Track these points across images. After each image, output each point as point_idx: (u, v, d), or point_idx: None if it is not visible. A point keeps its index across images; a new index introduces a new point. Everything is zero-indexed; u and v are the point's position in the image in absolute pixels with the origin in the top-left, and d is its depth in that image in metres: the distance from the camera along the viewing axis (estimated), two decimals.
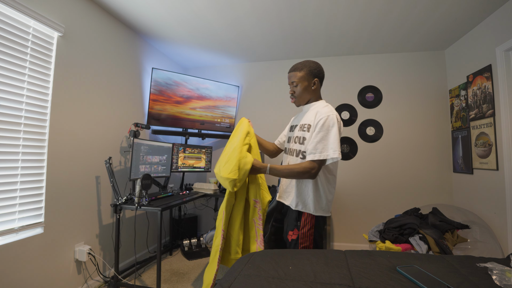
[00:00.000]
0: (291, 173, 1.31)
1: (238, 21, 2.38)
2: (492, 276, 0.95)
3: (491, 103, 2.17)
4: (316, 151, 1.26)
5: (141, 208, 1.92)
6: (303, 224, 1.36)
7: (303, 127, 1.39)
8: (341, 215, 3.04)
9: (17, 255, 1.54)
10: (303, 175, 1.29)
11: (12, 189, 1.56)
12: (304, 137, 1.37)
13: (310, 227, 1.35)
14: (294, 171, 1.29)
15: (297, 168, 1.29)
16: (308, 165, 1.27)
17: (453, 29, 2.45)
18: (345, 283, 0.92)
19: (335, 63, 3.17)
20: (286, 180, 1.47)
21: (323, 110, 1.34)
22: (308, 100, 1.47)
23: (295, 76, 1.41)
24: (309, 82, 1.41)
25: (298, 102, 1.47)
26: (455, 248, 1.95)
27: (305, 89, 1.41)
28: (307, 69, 1.40)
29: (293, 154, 1.43)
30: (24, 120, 1.62)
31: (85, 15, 2.03)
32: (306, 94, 1.43)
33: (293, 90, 1.44)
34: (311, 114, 1.39)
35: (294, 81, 1.42)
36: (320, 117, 1.30)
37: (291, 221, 1.40)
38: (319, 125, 1.29)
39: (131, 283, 2.08)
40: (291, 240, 1.38)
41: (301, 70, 1.41)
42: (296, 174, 1.30)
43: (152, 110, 2.74)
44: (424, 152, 2.89)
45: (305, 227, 1.36)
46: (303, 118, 1.43)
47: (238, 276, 0.98)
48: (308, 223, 1.36)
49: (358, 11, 2.19)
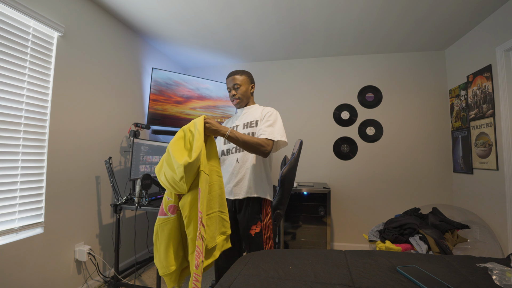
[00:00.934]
0: (249, 141, 1.32)
1: (238, 21, 2.38)
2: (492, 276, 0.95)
3: (491, 103, 2.17)
4: (270, 134, 1.38)
5: (141, 208, 1.92)
6: (264, 215, 1.44)
7: (249, 124, 1.49)
8: (341, 215, 3.04)
9: (17, 255, 1.54)
10: (260, 147, 1.33)
11: (12, 189, 1.56)
12: (251, 132, 1.46)
13: (269, 217, 1.47)
14: (253, 141, 1.33)
15: (255, 139, 1.34)
16: (265, 141, 1.36)
17: (453, 29, 2.45)
18: (345, 283, 0.93)
19: (335, 63, 3.17)
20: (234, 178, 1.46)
21: (267, 108, 1.52)
22: (246, 103, 1.60)
23: (237, 79, 1.53)
24: (249, 85, 1.57)
25: (241, 102, 1.56)
26: (455, 248, 1.95)
27: (246, 91, 1.56)
28: (246, 75, 1.57)
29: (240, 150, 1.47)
30: (24, 120, 1.62)
31: (85, 15, 2.03)
32: (246, 96, 1.57)
33: (235, 92, 1.54)
34: (255, 113, 1.52)
35: (237, 83, 1.53)
36: (267, 111, 1.48)
37: (253, 215, 1.43)
38: (268, 115, 1.45)
39: (131, 283, 2.08)
40: (255, 234, 1.41)
41: (242, 75, 1.55)
42: (255, 143, 1.33)
43: (152, 110, 2.74)
44: (424, 152, 2.89)
45: (266, 217, 1.45)
46: (245, 118, 1.54)
47: (238, 276, 0.98)
48: (268, 212, 1.47)
49: (358, 11, 2.19)
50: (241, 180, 1.46)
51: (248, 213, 1.43)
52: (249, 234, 1.42)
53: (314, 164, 3.14)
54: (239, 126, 1.53)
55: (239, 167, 1.47)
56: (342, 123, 3.11)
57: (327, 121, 3.15)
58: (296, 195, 2.67)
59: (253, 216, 1.43)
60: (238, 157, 1.48)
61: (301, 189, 2.65)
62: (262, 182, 1.46)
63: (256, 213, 1.43)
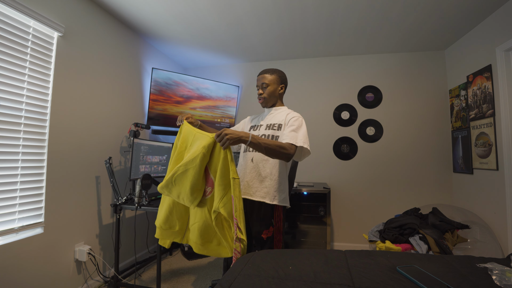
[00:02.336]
0: (271, 145, 1.24)
1: (238, 21, 2.38)
2: (492, 276, 0.95)
3: (491, 103, 2.17)
4: (292, 139, 1.31)
5: (141, 208, 1.92)
6: (276, 220, 1.41)
7: (272, 126, 1.46)
8: (341, 215, 3.04)
9: (17, 255, 1.54)
10: (282, 150, 1.26)
11: (12, 189, 1.56)
12: (274, 135, 1.43)
13: (281, 220, 1.43)
14: (275, 144, 1.25)
15: (277, 143, 1.27)
16: (288, 146, 1.29)
17: (453, 29, 2.45)
18: (345, 283, 0.92)
19: (335, 63, 3.17)
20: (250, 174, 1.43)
21: (294, 112, 1.47)
22: (274, 103, 1.55)
23: (266, 78, 1.50)
24: (278, 85, 1.52)
25: (266, 103, 1.53)
26: (455, 248, 1.95)
27: (274, 91, 1.51)
28: (277, 74, 1.51)
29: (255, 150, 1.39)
30: (24, 120, 1.62)
31: (85, 15, 2.03)
32: (274, 97, 1.52)
33: (262, 91, 1.51)
34: (280, 115, 1.48)
35: (265, 82, 1.49)
36: (292, 115, 1.43)
37: (266, 219, 1.39)
38: (293, 120, 1.40)
39: (131, 283, 2.08)
40: (266, 238, 1.39)
41: (272, 74, 1.50)
42: (277, 147, 1.25)
43: (152, 110, 2.74)
44: (424, 152, 2.89)
45: (278, 222, 1.41)
46: (270, 119, 1.50)
47: (238, 276, 0.98)
48: (280, 217, 1.42)
49: (358, 11, 2.19)
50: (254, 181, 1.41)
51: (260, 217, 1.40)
52: (261, 237, 1.40)
53: (314, 164, 3.14)
54: (262, 126, 1.50)
55: (252, 166, 1.43)
56: (342, 123, 3.11)
57: (327, 121, 3.15)
58: (296, 195, 2.67)
59: (266, 221, 1.40)
60: (253, 156, 1.45)
61: (301, 189, 2.65)
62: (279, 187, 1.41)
63: (268, 218, 1.40)
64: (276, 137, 1.42)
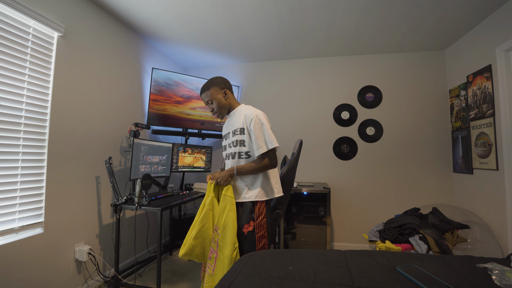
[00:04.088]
0: (255, 170, 1.46)
1: (238, 21, 2.38)
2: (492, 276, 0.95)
3: (491, 103, 2.17)
4: (260, 146, 1.43)
5: (141, 208, 1.92)
6: (257, 215, 1.48)
7: (235, 132, 1.52)
8: (341, 215, 3.04)
9: (17, 255, 1.54)
10: (265, 168, 1.47)
11: (12, 189, 1.56)
12: (238, 140, 1.50)
13: (263, 216, 1.49)
14: (256, 168, 1.46)
15: (256, 166, 1.46)
16: (263, 160, 1.45)
17: (453, 29, 2.45)
18: (345, 283, 0.93)
19: (335, 63, 3.17)
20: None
21: (248, 112, 1.50)
22: (228, 109, 1.59)
23: (206, 96, 1.55)
24: (220, 94, 1.55)
25: (220, 115, 1.59)
26: (455, 248, 1.95)
27: (220, 102, 1.55)
28: (213, 86, 1.55)
29: (230, 158, 1.55)
30: (24, 120, 1.62)
31: (85, 15, 2.03)
32: (223, 106, 1.56)
33: (211, 107, 1.57)
34: (238, 118, 1.53)
35: (208, 99, 1.55)
36: (250, 118, 1.47)
37: (246, 215, 1.49)
38: (252, 125, 1.45)
39: (131, 283, 2.08)
40: (247, 232, 1.46)
41: (208, 89, 1.55)
42: (259, 169, 1.46)
43: (152, 110, 2.74)
44: (424, 152, 2.89)
45: (259, 216, 1.48)
46: (232, 125, 1.56)
47: (238, 276, 0.98)
48: (262, 212, 1.49)
49: (358, 11, 2.19)
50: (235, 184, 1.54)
51: (240, 214, 1.49)
52: (242, 232, 1.47)
53: (314, 164, 3.14)
54: (230, 134, 1.58)
55: None
56: (342, 123, 3.11)
57: (327, 121, 3.15)
58: (296, 195, 2.67)
59: (246, 216, 1.48)
60: (228, 164, 1.59)
61: (301, 189, 2.65)
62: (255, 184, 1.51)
63: (249, 213, 1.48)
64: (241, 141, 1.50)
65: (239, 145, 1.50)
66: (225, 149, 1.63)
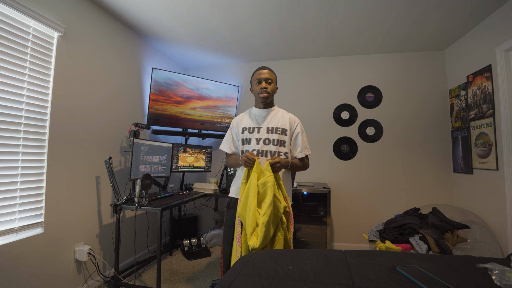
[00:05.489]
0: (300, 167, 1.60)
1: (238, 21, 2.38)
2: (492, 276, 0.95)
3: (491, 103, 2.17)
4: (306, 148, 1.59)
5: (141, 208, 1.92)
6: None
7: (275, 130, 1.54)
8: (341, 215, 3.04)
9: (17, 255, 1.54)
10: (305, 168, 1.64)
11: (12, 189, 1.56)
12: (279, 139, 1.53)
13: None
14: (302, 166, 1.60)
15: (303, 164, 1.60)
16: (306, 162, 1.63)
17: (453, 29, 2.45)
18: (345, 283, 0.93)
19: (335, 63, 3.17)
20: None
21: (292, 116, 1.61)
22: (271, 102, 1.63)
23: (271, 75, 1.57)
24: (276, 85, 1.62)
25: (269, 97, 1.58)
26: (455, 248, 1.95)
27: (274, 90, 1.60)
28: (275, 75, 1.62)
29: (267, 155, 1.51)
30: (24, 120, 1.62)
31: (85, 15, 2.03)
32: (273, 94, 1.61)
33: (267, 86, 1.55)
34: (280, 118, 1.58)
35: (270, 78, 1.56)
36: (295, 122, 1.60)
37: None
38: (298, 129, 1.59)
39: (131, 283, 2.08)
40: None
41: (274, 73, 1.60)
42: (303, 167, 1.61)
43: (152, 110, 2.74)
44: (424, 152, 2.89)
45: None
46: (269, 122, 1.56)
47: (238, 276, 0.98)
48: None
49: (358, 11, 2.19)
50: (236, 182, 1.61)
51: None
52: None
53: (314, 164, 3.13)
54: (262, 129, 1.54)
55: None
56: (342, 123, 3.11)
57: (327, 121, 3.15)
58: (296, 195, 2.67)
59: None
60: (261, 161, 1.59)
61: (301, 189, 2.65)
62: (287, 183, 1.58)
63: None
64: (282, 142, 1.54)
65: (279, 144, 1.53)
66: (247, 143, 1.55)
